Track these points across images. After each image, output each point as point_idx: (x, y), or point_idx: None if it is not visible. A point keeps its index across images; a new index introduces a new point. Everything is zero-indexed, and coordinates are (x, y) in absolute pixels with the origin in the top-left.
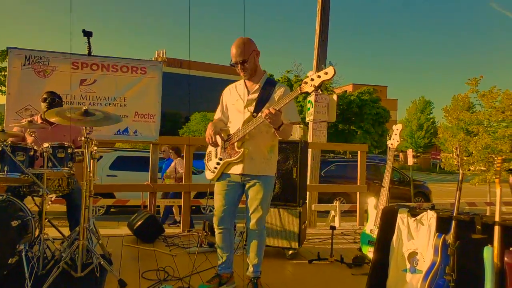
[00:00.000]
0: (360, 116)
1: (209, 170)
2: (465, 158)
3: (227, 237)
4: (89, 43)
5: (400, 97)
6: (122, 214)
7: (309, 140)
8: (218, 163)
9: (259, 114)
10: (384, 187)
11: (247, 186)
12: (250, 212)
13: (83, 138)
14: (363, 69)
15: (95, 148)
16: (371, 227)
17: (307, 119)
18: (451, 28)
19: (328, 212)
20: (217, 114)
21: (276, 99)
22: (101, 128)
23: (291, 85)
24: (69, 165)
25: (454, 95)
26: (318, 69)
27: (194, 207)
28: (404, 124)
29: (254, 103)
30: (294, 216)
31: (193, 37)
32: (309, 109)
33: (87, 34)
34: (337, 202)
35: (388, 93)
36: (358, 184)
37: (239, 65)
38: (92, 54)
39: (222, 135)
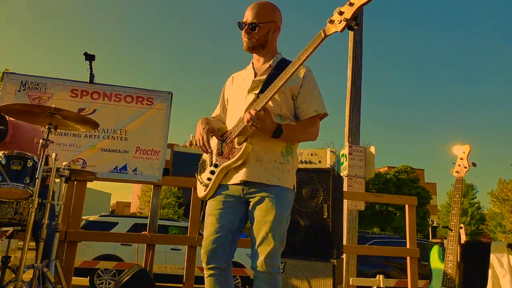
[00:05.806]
0: None
1: (201, 183)
2: None
3: (221, 283)
4: (91, 68)
5: (438, 180)
6: None
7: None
8: (212, 172)
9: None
10: (452, 230)
11: (251, 203)
12: (257, 243)
13: (41, 141)
14: (398, 151)
15: (65, 163)
16: (438, 287)
17: (341, 174)
18: (487, 110)
19: None
20: (216, 111)
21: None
22: (95, 163)
23: None
24: (25, 181)
25: (500, 178)
26: (352, 125)
27: None
28: (446, 209)
29: (261, 85)
30: (326, 273)
31: None
32: (342, 163)
33: (89, 57)
34: (381, 276)
35: (425, 177)
36: (408, 246)
37: (245, 27)
38: (94, 81)
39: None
